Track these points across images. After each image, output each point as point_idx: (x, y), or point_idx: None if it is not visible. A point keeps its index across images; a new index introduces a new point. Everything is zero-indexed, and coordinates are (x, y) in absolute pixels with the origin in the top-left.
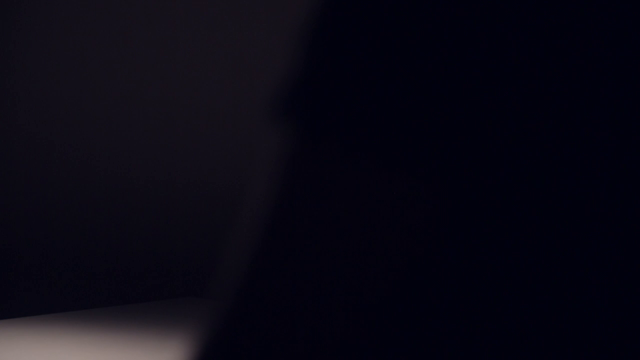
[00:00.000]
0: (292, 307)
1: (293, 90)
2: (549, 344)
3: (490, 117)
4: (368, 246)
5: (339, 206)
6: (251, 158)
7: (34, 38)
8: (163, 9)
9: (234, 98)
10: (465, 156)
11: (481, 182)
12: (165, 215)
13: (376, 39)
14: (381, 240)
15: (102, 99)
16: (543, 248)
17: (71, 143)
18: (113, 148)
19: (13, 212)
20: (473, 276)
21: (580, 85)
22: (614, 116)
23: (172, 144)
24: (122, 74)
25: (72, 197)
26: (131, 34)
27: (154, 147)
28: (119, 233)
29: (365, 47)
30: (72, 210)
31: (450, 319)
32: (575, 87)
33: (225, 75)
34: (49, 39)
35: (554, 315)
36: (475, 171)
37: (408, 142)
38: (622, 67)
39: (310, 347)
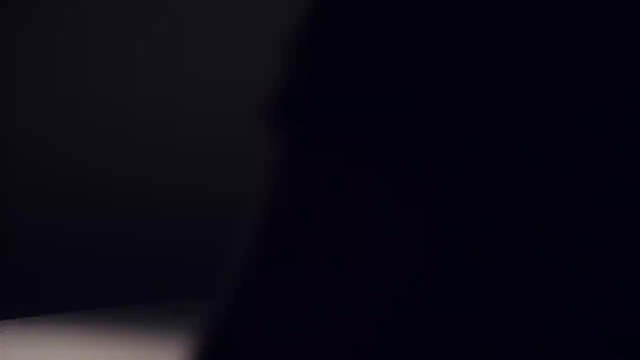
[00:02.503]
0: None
1: (286, 96)
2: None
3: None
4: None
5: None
6: (252, 160)
7: (34, 38)
8: (163, 9)
9: (234, 98)
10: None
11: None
12: (166, 216)
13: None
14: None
15: (101, 99)
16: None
17: (71, 143)
18: (113, 148)
19: (13, 212)
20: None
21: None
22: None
23: (172, 144)
24: (122, 74)
25: (72, 198)
26: (131, 34)
27: (154, 147)
28: (119, 233)
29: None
30: (72, 211)
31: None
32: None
33: (225, 75)
34: (48, 38)
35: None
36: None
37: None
38: (621, 68)
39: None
